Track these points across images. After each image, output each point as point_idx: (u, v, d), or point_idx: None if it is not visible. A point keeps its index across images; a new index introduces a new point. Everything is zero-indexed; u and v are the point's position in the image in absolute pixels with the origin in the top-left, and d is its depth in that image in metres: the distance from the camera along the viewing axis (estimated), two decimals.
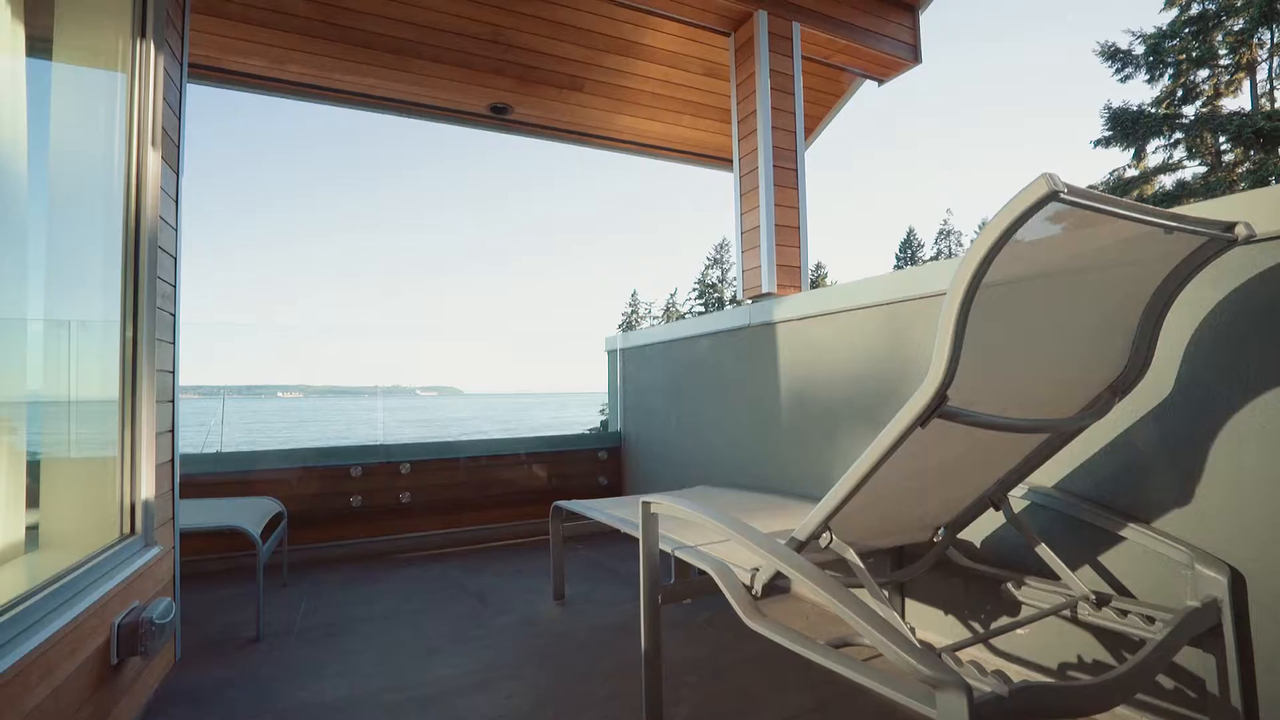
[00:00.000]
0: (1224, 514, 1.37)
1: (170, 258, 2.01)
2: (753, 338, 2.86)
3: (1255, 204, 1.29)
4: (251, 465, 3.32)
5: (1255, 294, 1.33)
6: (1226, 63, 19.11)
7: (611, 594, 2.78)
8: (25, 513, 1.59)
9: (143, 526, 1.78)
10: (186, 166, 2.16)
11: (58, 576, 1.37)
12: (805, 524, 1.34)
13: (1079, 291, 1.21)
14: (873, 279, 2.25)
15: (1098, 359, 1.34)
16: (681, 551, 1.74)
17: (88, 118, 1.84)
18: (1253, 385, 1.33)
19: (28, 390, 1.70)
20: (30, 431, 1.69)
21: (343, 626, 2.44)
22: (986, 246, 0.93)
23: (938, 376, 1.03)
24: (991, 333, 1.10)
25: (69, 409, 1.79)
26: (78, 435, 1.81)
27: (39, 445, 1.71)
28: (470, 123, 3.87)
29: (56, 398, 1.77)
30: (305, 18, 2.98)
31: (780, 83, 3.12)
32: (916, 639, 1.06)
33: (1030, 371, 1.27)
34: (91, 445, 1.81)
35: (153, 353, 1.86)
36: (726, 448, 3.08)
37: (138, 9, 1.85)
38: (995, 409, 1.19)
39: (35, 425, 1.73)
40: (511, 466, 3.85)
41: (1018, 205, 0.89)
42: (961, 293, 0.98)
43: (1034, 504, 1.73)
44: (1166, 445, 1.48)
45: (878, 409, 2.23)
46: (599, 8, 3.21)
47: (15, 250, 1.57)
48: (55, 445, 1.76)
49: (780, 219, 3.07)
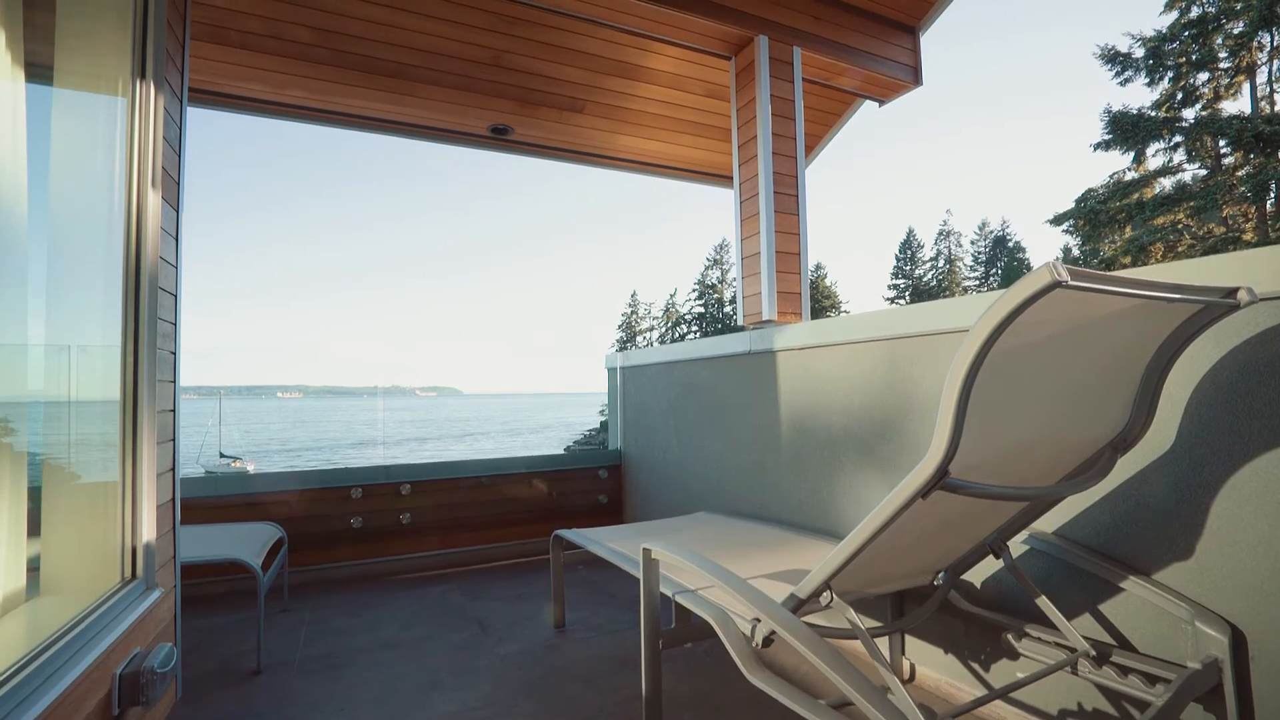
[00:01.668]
0: (1224, 570, 1.37)
1: (170, 296, 2.01)
2: (754, 364, 2.87)
3: (1257, 264, 1.30)
4: (251, 488, 3.31)
5: (1257, 352, 1.33)
6: (1226, 66, 19.10)
7: (612, 620, 2.78)
8: (26, 556, 1.59)
9: (144, 570, 1.78)
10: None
11: (60, 633, 1.37)
12: (805, 583, 1.34)
13: (1080, 354, 1.21)
14: (874, 313, 2.25)
15: (1099, 417, 1.34)
16: (682, 596, 1.74)
17: (87, 158, 1.84)
18: (1254, 443, 1.33)
19: (27, 431, 1.70)
20: (31, 474, 1.69)
21: (344, 657, 2.44)
22: (988, 331, 0.93)
23: (939, 452, 1.03)
24: (993, 399, 1.10)
25: (69, 451, 1.79)
26: (78, 477, 1.81)
27: (39, 488, 1.71)
28: (470, 143, 3.87)
29: (57, 440, 1.77)
30: (306, 44, 2.98)
31: (781, 108, 3.12)
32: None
33: (1031, 434, 1.27)
34: (92, 488, 1.80)
35: (153, 395, 1.86)
36: (726, 472, 3.09)
37: (137, 51, 1.85)
38: (996, 475, 1.20)
39: (36, 468, 1.73)
40: (512, 486, 3.85)
41: (1019, 292, 0.89)
42: (963, 373, 0.98)
43: (1034, 550, 1.73)
44: (1167, 499, 1.48)
45: (878, 444, 2.23)
46: (600, 32, 3.22)
47: (16, 292, 1.57)
48: (56, 488, 1.76)
49: (781, 245, 3.07)
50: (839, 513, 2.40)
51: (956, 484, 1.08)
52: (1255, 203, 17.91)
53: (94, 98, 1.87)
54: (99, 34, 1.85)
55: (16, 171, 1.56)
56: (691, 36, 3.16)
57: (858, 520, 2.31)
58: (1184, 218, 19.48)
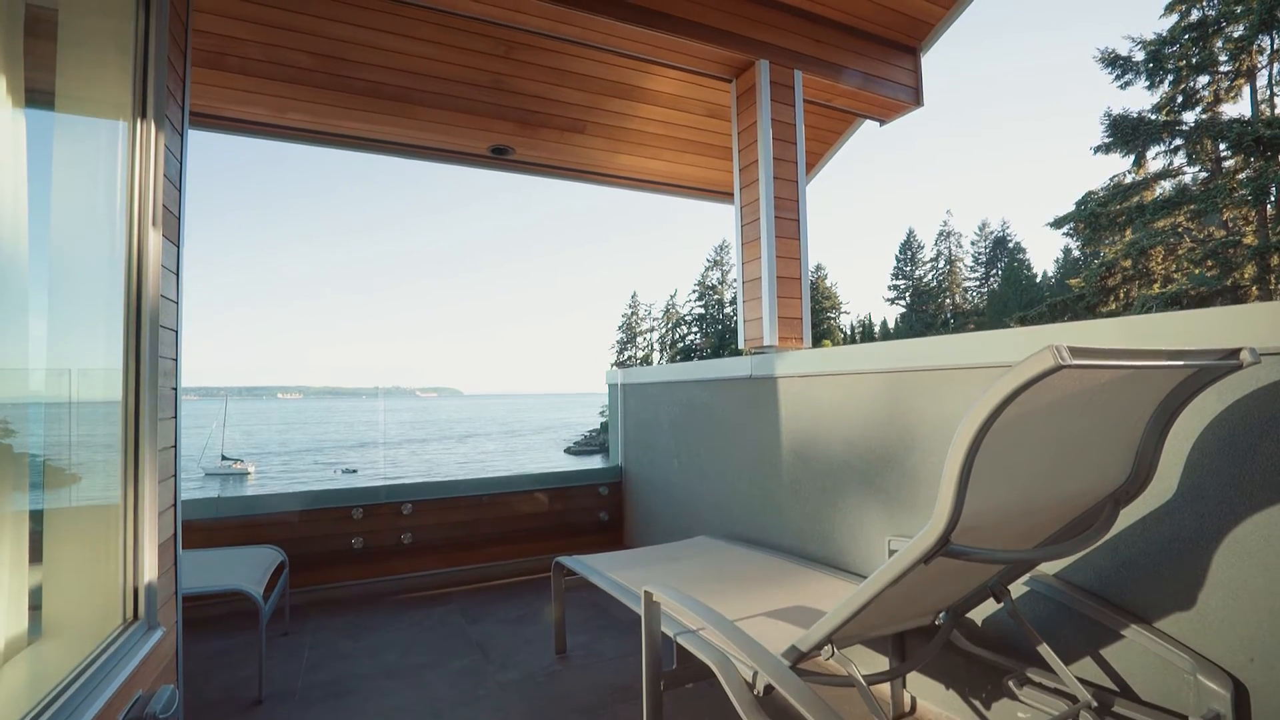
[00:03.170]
0: (1226, 623, 1.37)
1: (171, 332, 2.01)
2: (755, 389, 2.87)
3: (1260, 319, 1.29)
4: (252, 509, 3.31)
5: (1259, 406, 1.33)
6: (1226, 69, 19.10)
7: (613, 646, 2.78)
8: (27, 601, 1.59)
9: (145, 611, 1.78)
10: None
11: (64, 684, 1.37)
12: (806, 638, 1.34)
13: (1081, 416, 1.21)
14: (875, 346, 2.25)
15: (1100, 472, 1.34)
16: (684, 638, 1.74)
17: (88, 195, 1.84)
18: (1256, 497, 1.33)
19: (29, 472, 1.70)
20: (33, 518, 1.69)
21: (345, 685, 2.44)
22: (988, 411, 0.93)
23: (942, 521, 1.03)
24: (994, 465, 1.11)
25: (70, 491, 1.79)
26: (79, 519, 1.81)
27: (41, 529, 1.71)
28: (470, 163, 3.87)
29: (59, 480, 1.77)
30: (305, 69, 2.98)
31: (782, 131, 3.12)
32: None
33: (1033, 493, 1.27)
34: (93, 529, 1.80)
35: (154, 432, 1.86)
36: (728, 495, 3.09)
37: (138, 89, 1.85)
38: (998, 533, 1.20)
39: (38, 509, 1.73)
40: (512, 503, 3.85)
41: (1021, 374, 0.90)
42: (965, 447, 0.98)
43: (1035, 592, 1.73)
44: (1168, 547, 1.48)
45: (879, 475, 2.23)
46: (600, 55, 3.21)
47: (18, 335, 1.57)
48: (57, 530, 1.76)
49: (782, 270, 3.07)
50: (840, 543, 2.40)
51: (959, 550, 1.08)
52: (1255, 206, 17.91)
53: (95, 135, 1.87)
54: (100, 68, 1.85)
55: (17, 211, 1.56)
56: (692, 60, 3.17)
57: (859, 553, 2.31)
58: (1184, 220, 19.48)
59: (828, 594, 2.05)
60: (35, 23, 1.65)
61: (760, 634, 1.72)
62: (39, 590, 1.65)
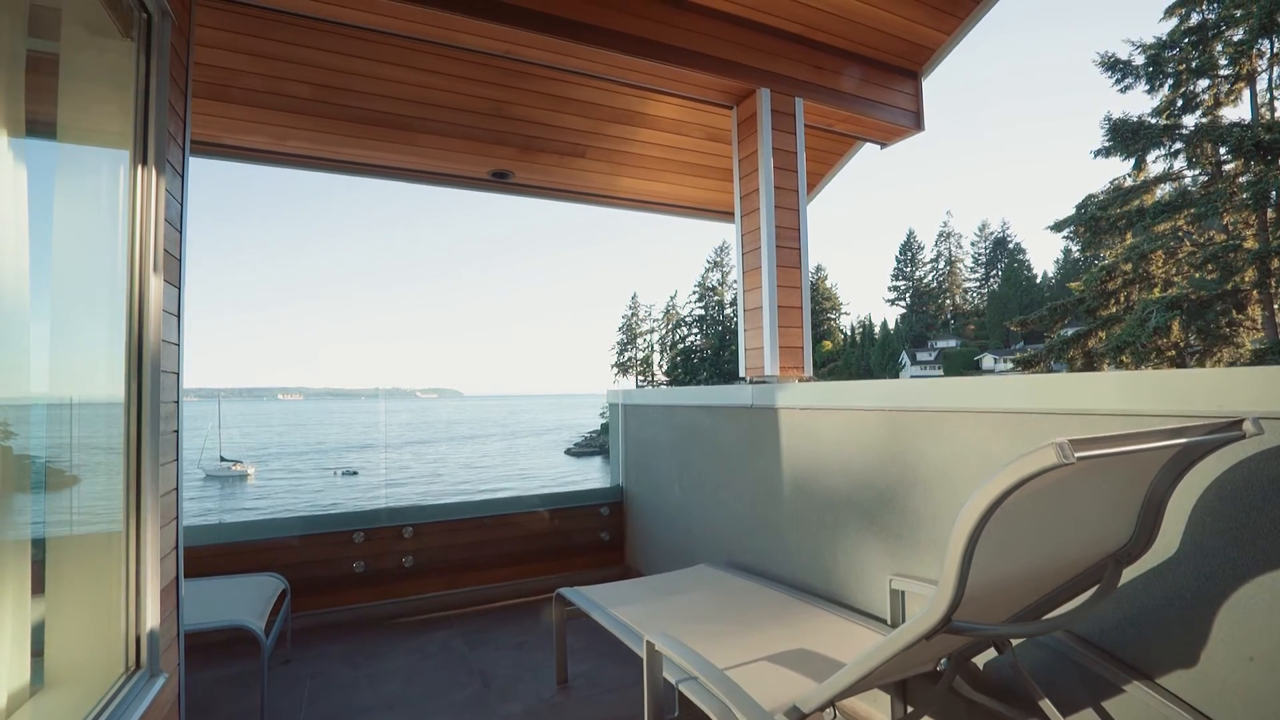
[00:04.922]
0: (1230, 684, 1.37)
1: (173, 375, 2.01)
2: (756, 419, 2.87)
3: (1261, 382, 1.29)
4: (252, 534, 3.31)
5: (1262, 469, 1.33)
6: (1226, 73, 19.10)
7: (614, 675, 2.78)
8: (29, 654, 1.60)
9: (148, 659, 1.78)
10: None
11: None
12: (809, 699, 1.34)
13: (1083, 490, 1.21)
14: (876, 383, 2.25)
15: (1101, 535, 1.34)
16: (686, 686, 1.74)
17: (89, 239, 1.85)
18: (1259, 560, 1.33)
19: (31, 518, 1.71)
20: (34, 567, 1.69)
21: (347, 718, 2.45)
22: (990, 500, 0.93)
23: (944, 602, 1.03)
24: (996, 543, 1.11)
25: (72, 541, 1.79)
26: (82, 565, 1.81)
27: (44, 576, 1.71)
28: (471, 186, 3.87)
29: (59, 531, 1.77)
30: (306, 99, 2.99)
31: (783, 160, 3.12)
32: None
33: (1035, 560, 1.27)
34: (95, 578, 1.81)
35: (156, 478, 1.86)
36: (728, 522, 3.09)
37: (139, 135, 1.85)
38: (1000, 602, 1.20)
39: (40, 556, 1.73)
40: (513, 525, 3.85)
41: (1024, 468, 0.90)
42: (967, 532, 0.98)
43: (1036, 641, 1.73)
44: (1170, 604, 1.48)
45: (880, 512, 2.23)
46: (601, 84, 3.22)
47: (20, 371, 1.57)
48: (60, 575, 1.76)
49: (783, 299, 3.07)
50: (842, 578, 2.40)
51: (961, 627, 1.08)
52: (1256, 210, 17.91)
53: (96, 181, 1.87)
54: (102, 118, 1.85)
55: (19, 258, 1.56)
56: (693, 89, 3.17)
57: (862, 591, 2.31)
58: (1185, 224, 19.48)
59: (831, 636, 2.05)
60: (36, 72, 1.65)
61: (762, 681, 1.72)
62: (41, 638, 1.65)
